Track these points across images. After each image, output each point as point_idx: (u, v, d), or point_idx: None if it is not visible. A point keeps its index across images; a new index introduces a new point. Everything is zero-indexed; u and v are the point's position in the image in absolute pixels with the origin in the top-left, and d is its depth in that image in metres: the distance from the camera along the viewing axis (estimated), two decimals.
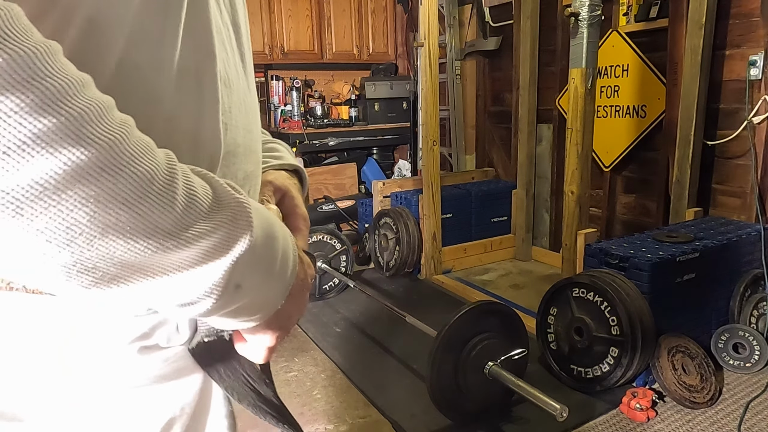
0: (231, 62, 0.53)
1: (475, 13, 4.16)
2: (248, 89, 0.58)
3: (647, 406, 1.92)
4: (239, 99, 0.54)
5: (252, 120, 0.59)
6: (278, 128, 4.81)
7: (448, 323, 1.85)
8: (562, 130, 3.29)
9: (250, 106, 0.58)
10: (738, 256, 2.34)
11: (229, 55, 0.52)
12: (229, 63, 0.52)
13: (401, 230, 3.36)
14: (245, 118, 0.56)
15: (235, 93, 0.53)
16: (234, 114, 0.53)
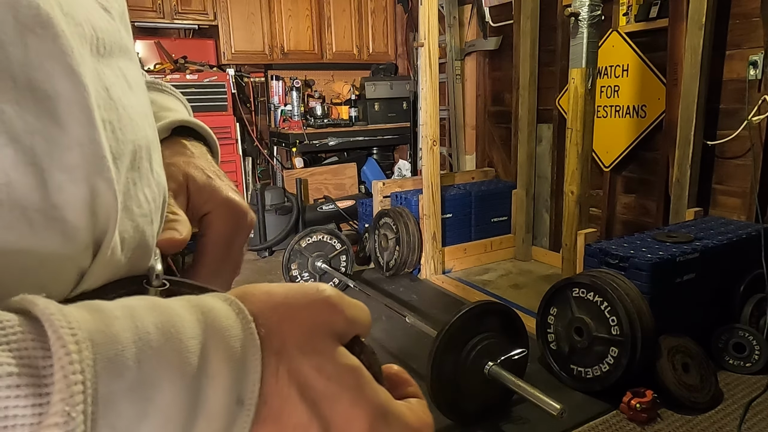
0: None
1: (475, 13, 4.16)
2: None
3: (647, 406, 1.92)
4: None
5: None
6: (278, 128, 4.81)
7: (448, 323, 1.85)
8: (562, 130, 3.29)
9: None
10: (738, 256, 2.34)
11: None
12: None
13: (401, 230, 3.36)
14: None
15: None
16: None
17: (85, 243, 0.30)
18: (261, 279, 3.57)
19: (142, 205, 0.35)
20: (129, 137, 0.34)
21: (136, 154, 0.35)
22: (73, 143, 0.28)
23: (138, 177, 0.35)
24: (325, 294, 0.31)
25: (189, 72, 4.21)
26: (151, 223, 0.36)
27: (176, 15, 4.27)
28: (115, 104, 0.33)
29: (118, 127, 0.33)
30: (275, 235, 4.03)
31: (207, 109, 4.21)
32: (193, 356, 0.26)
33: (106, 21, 0.35)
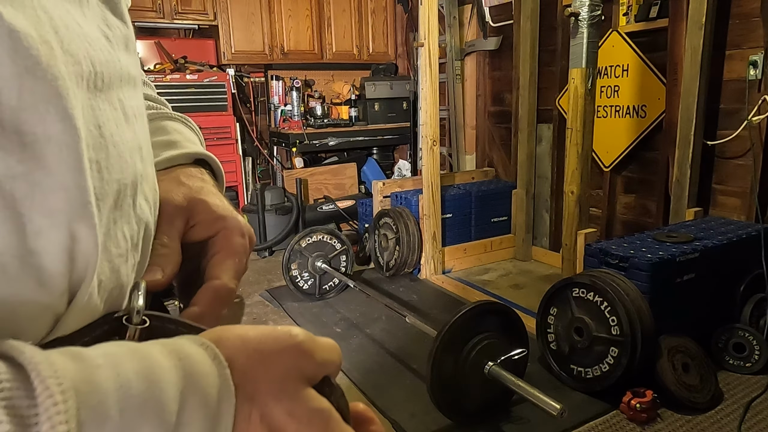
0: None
1: (475, 13, 4.16)
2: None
3: (647, 406, 1.92)
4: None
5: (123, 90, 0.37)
6: (278, 128, 4.82)
7: (448, 323, 1.85)
8: (562, 130, 3.30)
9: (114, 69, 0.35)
10: (738, 256, 2.34)
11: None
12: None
13: (401, 230, 3.36)
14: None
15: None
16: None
17: (61, 290, 0.29)
18: (261, 279, 3.57)
19: (120, 244, 0.35)
20: (115, 176, 0.33)
21: (120, 193, 0.34)
22: (57, 187, 0.28)
23: (119, 215, 0.35)
24: (298, 340, 0.32)
25: (189, 72, 4.21)
26: (126, 261, 0.36)
27: (176, 15, 4.27)
28: (106, 142, 0.33)
29: (106, 166, 0.32)
30: (275, 235, 4.03)
31: (207, 109, 4.22)
32: (172, 403, 0.26)
33: (106, 52, 0.35)
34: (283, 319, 2.95)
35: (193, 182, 0.46)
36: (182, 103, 4.05)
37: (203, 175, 0.49)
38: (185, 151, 0.49)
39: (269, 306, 3.15)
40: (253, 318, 2.99)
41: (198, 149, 0.51)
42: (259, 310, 3.10)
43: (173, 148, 0.49)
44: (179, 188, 0.45)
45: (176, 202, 0.43)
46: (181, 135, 0.52)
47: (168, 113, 0.54)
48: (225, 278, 0.42)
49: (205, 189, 0.47)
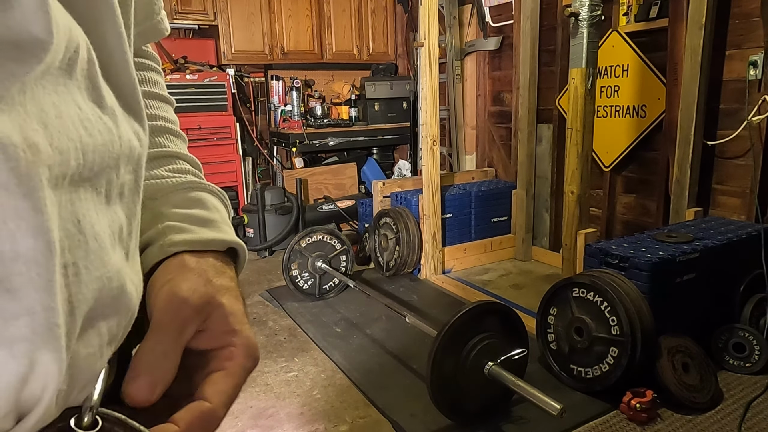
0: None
1: (475, 13, 4.16)
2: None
3: (647, 406, 1.92)
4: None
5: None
6: (278, 128, 4.81)
7: (448, 323, 1.85)
8: (562, 130, 3.29)
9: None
10: (738, 256, 2.34)
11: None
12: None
13: (401, 230, 3.36)
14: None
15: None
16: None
17: (7, 413, 0.27)
18: (261, 279, 3.57)
19: (92, 343, 0.31)
20: (95, 274, 0.30)
21: (103, 288, 0.31)
22: (21, 313, 0.25)
23: (99, 313, 0.31)
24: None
25: (189, 72, 4.21)
26: (99, 358, 0.32)
27: (176, 15, 4.27)
28: (86, 237, 0.29)
29: (84, 265, 0.29)
30: (275, 235, 4.03)
31: (207, 109, 4.21)
32: None
33: (106, 133, 0.31)
34: (283, 319, 2.95)
35: (220, 280, 0.41)
36: (182, 103, 4.05)
37: (231, 271, 0.44)
38: (223, 238, 0.45)
39: (269, 306, 3.15)
40: (253, 318, 2.99)
41: (235, 238, 0.46)
42: (259, 310, 3.10)
43: (212, 227, 0.45)
44: (205, 288, 0.40)
45: (195, 304, 0.38)
46: (220, 214, 0.48)
47: (206, 184, 0.50)
48: (215, 402, 0.37)
49: (229, 292, 0.41)
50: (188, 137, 0.55)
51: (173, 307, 0.38)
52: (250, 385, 2.30)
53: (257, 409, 2.13)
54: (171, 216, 0.45)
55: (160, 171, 0.48)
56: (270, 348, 2.63)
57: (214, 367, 0.39)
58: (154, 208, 0.45)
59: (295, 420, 2.05)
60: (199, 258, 0.42)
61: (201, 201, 0.47)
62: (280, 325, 2.88)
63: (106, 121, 0.32)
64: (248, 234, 4.12)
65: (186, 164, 0.51)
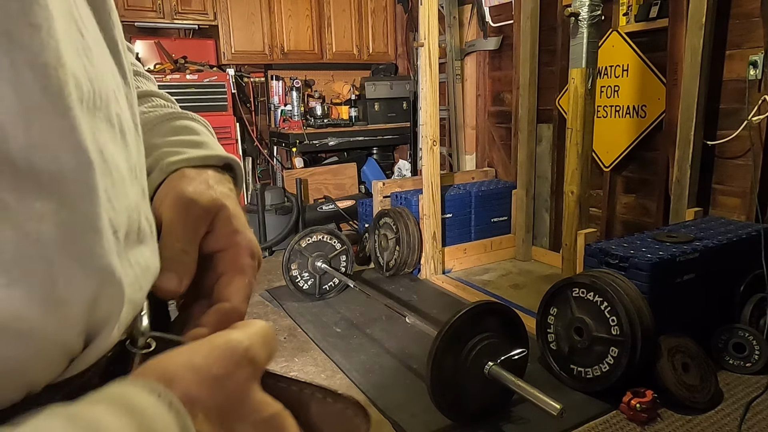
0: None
1: (475, 13, 4.16)
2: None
3: (647, 406, 1.92)
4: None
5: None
6: (278, 128, 4.81)
7: (448, 323, 1.85)
8: (562, 130, 3.29)
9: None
10: (738, 256, 2.34)
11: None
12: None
13: (401, 230, 3.36)
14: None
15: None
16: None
17: (80, 333, 0.28)
18: (261, 279, 3.57)
19: (129, 273, 0.32)
20: (123, 203, 0.32)
21: (129, 221, 0.32)
22: (85, 228, 0.27)
23: (131, 244, 0.33)
24: (243, 348, 0.30)
25: (189, 72, 4.21)
26: (139, 290, 0.34)
27: (176, 15, 4.27)
28: (109, 168, 0.31)
29: (113, 194, 0.30)
30: (275, 235, 4.03)
31: (207, 109, 4.21)
32: None
33: (99, 58, 0.32)
34: (283, 319, 2.95)
35: (220, 188, 0.44)
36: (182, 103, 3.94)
37: (229, 182, 0.47)
38: (218, 154, 0.47)
39: (269, 306, 3.15)
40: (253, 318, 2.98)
41: (228, 154, 0.48)
42: (259, 310, 3.10)
43: (205, 148, 0.47)
44: (209, 191, 0.42)
45: (204, 205, 0.40)
46: (209, 137, 0.50)
47: (190, 114, 0.52)
48: (235, 300, 0.40)
49: (230, 197, 0.44)
50: None
51: (184, 208, 0.40)
52: None
53: None
54: (163, 144, 0.46)
55: (141, 108, 0.49)
56: None
57: (223, 268, 0.41)
58: (144, 141, 0.46)
59: None
60: (200, 173, 0.44)
61: (187, 128, 0.49)
62: (280, 325, 2.88)
63: (101, 53, 0.32)
64: None
65: (160, 100, 0.52)
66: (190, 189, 0.41)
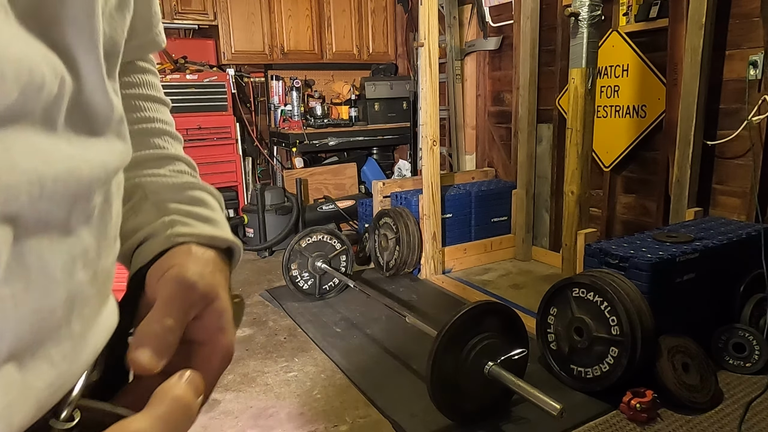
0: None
1: (475, 13, 4.16)
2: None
3: (647, 406, 1.92)
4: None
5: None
6: (278, 128, 4.81)
7: (448, 323, 1.85)
8: (562, 130, 3.30)
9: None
10: (738, 256, 2.34)
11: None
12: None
13: (401, 230, 3.36)
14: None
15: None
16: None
17: None
18: (261, 279, 3.57)
19: (34, 395, 0.30)
20: (32, 306, 0.30)
21: (41, 323, 0.30)
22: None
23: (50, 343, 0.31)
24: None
25: (189, 72, 4.21)
26: (52, 392, 0.31)
27: (176, 15, 4.27)
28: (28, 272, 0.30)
29: (21, 299, 0.29)
30: (275, 235, 4.03)
31: (207, 109, 4.21)
32: None
33: (60, 157, 0.31)
34: (283, 319, 2.95)
35: (219, 276, 0.43)
36: (182, 103, 4.05)
37: (227, 271, 0.46)
38: (225, 237, 0.46)
39: (269, 306, 3.15)
40: (253, 318, 2.99)
41: (235, 238, 0.48)
42: (259, 310, 3.10)
43: (215, 226, 0.47)
44: (209, 277, 0.42)
45: (201, 291, 0.40)
46: (219, 214, 0.49)
47: (204, 185, 0.51)
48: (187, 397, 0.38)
49: (225, 288, 0.43)
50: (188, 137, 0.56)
51: (182, 288, 0.39)
52: (250, 385, 2.30)
53: (257, 409, 2.13)
54: (176, 210, 0.46)
55: (162, 170, 0.50)
56: (270, 348, 2.63)
57: (195, 361, 0.40)
58: (158, 202, 0.47)
59: (295, 420, 2.05)
60: (205, 250, 0.44)
61: (202, 200, 0.49)
62: (280, 325, 2.88)
63: (68, 149, 0.31)
64: (248, 234, 4.12)
65: (184, 165, 0.52)
66: (193, 271, 0.41)
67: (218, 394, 2.23)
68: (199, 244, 0.44)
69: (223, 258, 0.46)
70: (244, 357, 2.54)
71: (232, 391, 2.25)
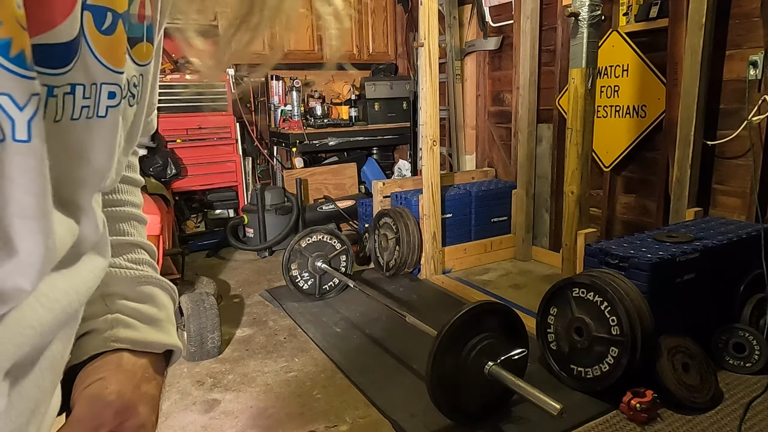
0: None
1: (475, 13, 4.16)
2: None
3: (647, 406, 1.92)
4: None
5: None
6: (278, 128, 4.81)
7: (448, 323, 1.85)
8: (562, 130, 3.29)
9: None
10: (738, 256, 2.34)
11: None
12: None
13: (401, 230, 3.36)
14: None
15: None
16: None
17: None
18: (261, 279, 3.57)
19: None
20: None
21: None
22: None
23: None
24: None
25: (189, 72, 4.20)
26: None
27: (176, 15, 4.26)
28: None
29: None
30: (275, 235, 4.03)
31: (207, 109, 4.21)
32: None
33: (58, 297, 0.34)
34: (283, 319, 2.95)
35: (146, 388, 0.45)
36: (182, 103, 4.05)
37: (159, 378, 0.47)
38: (164, 341, 0.48)
39: (269, 306, 3.15)
40: (253, 318, 2.99)
41: (174, 341, 0.49)
42: (259, 310, 3.10)
43: (157, 327, 0.48)
44: (131, 393, 0.43)
45: (116, 408, 0.42)
46: (166, 312, 0.50)
47: (159, 280, 0.51)
48: None
49: (151, 402, 0.45)
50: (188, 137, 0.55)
51: (96, 408, 0.41)
52: (250, 385, 2.30)
53: (257, 409, 2.13)
54: (121, 308, 0.47)
55: (120, 260, 0.50)
56: (270, 348, 2.63)
57: None
58: (107, 295, 0.47)
59: (295, 420, 2.05)
60: (137, 359, 0.45)
61: (152, 297, 0.49)
62: (280, 325, 2.88)
63: (62, 284, 0.34)
64: (248, 234, 4.12)
65: (144, 254, 0.52)
66: (112, 389, 0.42)
67: (218, 394, 2.23)
68: (133, 351, 0.45)
69: (159, 364, 0.47)
70: (244, 357, 2.54)
71: (232, 391, 2.25)
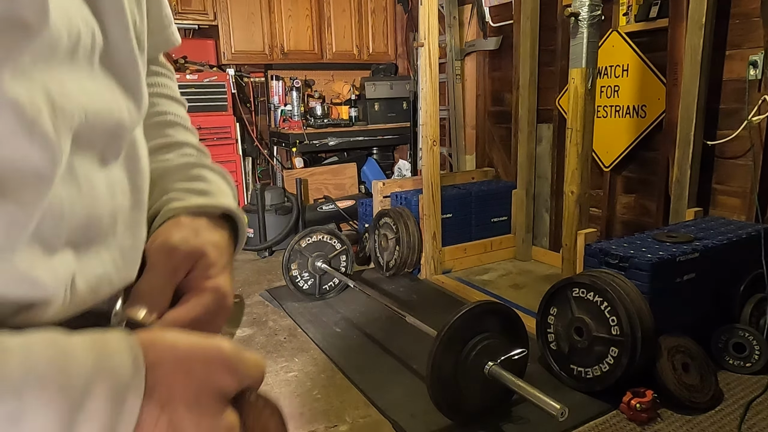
0: None
1: (475, 13, 4.16)
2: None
3: (647, 406, 1.92)
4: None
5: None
6: (278, 128, 4.81)
7: (448, 323, 1.85)
8: (562, 130, 3.29)
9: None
10: (738, 256, 2.34)
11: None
12: None
13: (401, 230, 3.36)
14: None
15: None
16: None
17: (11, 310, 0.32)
18: (261, 279, 3.57)
19: (68, 282, 0.36)
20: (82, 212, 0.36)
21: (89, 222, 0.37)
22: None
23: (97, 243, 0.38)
24: (223, 354, 0.34)
25: (189, 72, 4.21)
26: (92, 288, 0.38)
27: (176, 15, 4.26)
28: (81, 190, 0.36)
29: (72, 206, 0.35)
30: (275, 235, 4.03)
31: (207, 109, 4.21)
32: (75, 391, 0.28)
33: (99, 98, 0.37)
34: (283, 319, 2.95)
35: (208, 235, 0.47)
36: None
37: (223, 231, 0.50)
38: (214, 203, 0.51)
39: (269, 306, 3.15)
40: (253, 318, 2.99)
41: (228, 204, 0.52)
42: (259, 310, 3.10)
43: (208, 196, 0.51)
44: (194, 240, 0.46)
45: (184, 251, 0.45)
46: (217, 186, 0.53)
47: (207, 164, 0.56)
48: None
49: (216, 246, 0.47)
50: None
51: (167, 253, 0.44)
52: None
53: None
54: (173, 189, 0.51)
55: (169, 155, 0.55)
56: (270, 348, 2.63)
57: (183, 301, 0.45)
58: (162, 185, 0.52)
59: (295, 420, 2.05)
60: (194, 218, 0.48)
61: (201, 176, 0.53)
62: (280, 325, 2.88)
63: (104, 94, 0.38)
64: (248, 234, 4.11)
65: (192, 149, 0.57)
66: (177, 237, 0.45)
67: None
68: (188, 214, 0.48)
69: (219, 223, 0.50)
70: None
71: None
